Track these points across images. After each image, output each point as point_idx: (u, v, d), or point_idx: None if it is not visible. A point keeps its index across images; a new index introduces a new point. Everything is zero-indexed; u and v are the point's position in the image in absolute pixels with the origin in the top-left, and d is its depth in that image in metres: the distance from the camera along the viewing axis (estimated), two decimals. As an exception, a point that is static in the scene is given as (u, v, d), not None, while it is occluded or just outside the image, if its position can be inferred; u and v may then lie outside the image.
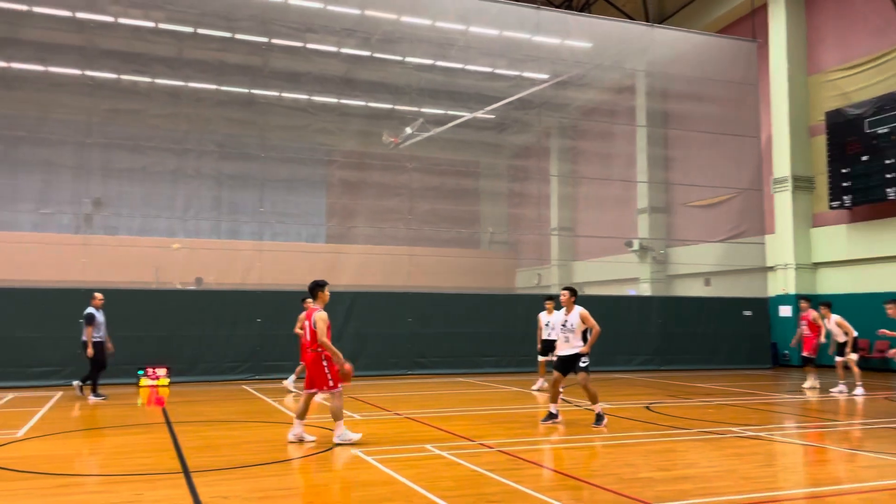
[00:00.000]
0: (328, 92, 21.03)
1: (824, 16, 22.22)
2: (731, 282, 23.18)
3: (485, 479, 6.67)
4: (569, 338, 10.01)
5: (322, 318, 8.66)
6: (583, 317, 9.92)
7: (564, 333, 10.07)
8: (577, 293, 10.31)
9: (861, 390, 13.84)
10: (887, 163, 19.21)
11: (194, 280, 19.15)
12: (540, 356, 14.58)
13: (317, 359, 8.67)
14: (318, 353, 8.65)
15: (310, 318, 8.85)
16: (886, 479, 6.72)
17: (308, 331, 8.83)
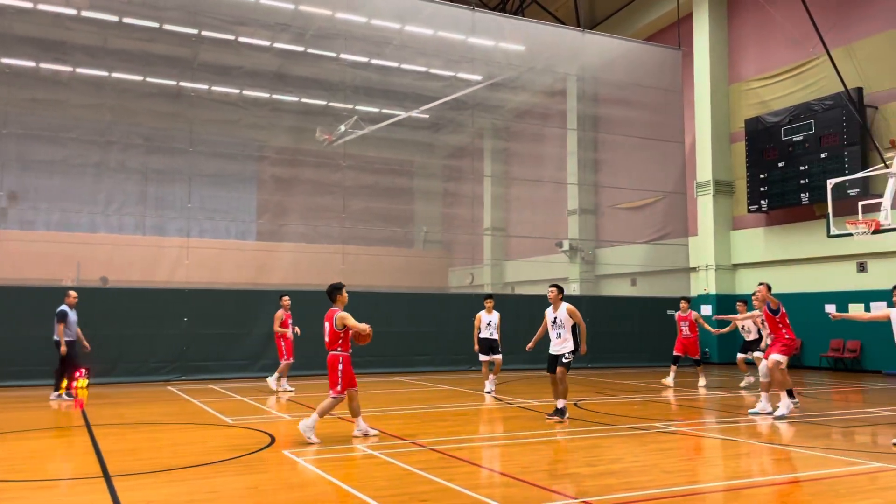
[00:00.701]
0: (260, 87, 20.66)
1: (745, 27, 23.18)
2: (655, 282, 23.95)
3: (417, 477, 6.70)
4: (560, 334, 10.27)
5: (344, 314, 8.88)
6: (570, 312, 10.21)
7: (556, 330, 10.32)
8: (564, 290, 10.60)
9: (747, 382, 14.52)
10: (802, 169, 20.18)
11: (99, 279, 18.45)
12: (482, 356, 14.18)
13: (334, 361, 8.81)
14: (337, 356, 8.81)
15: (330, 319, 8.95)
16: (799, 472, 7.08)
17: (329, 332, 8.91)
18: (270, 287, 18.84)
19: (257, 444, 8.39)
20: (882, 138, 18.36)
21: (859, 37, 19.50)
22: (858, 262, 19.53)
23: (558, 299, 10.36)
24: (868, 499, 5.97)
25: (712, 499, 6.14)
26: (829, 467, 7.20)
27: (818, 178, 19.14)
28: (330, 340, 8.91)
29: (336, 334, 8.85)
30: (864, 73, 19.07)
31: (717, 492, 6.36)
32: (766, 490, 6.34)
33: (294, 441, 8.54)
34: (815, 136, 19.95)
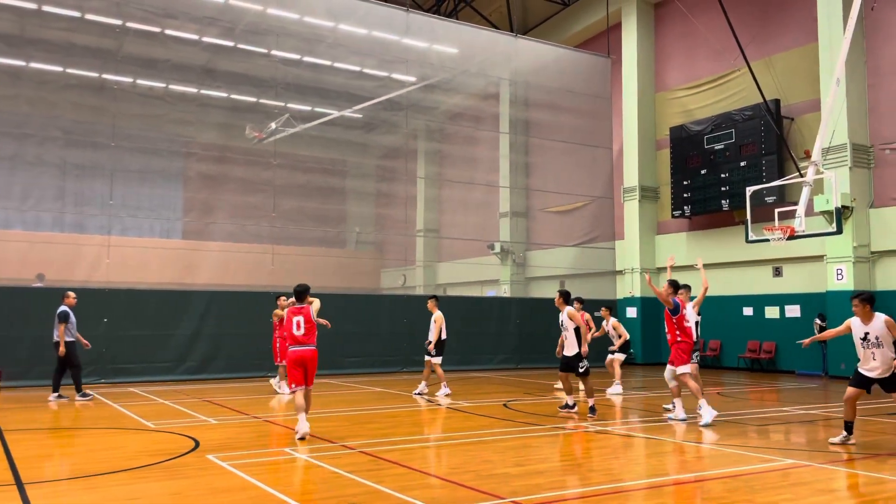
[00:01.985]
0: (187, 81, 20.10)
1: (671, 37, 23.94)
2: (583, 284, 24.42)
3: (345, 480, 6.64)
4: (567, 336, 10.96)
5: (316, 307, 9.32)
6: (570, 315, 10.81)
7: (563, 333, 11.00)
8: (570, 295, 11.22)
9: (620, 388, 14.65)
10: (723, 176, 20.97)
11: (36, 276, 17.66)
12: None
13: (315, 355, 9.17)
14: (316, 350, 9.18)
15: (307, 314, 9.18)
16: (717, 468, 7.35)
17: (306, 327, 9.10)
18: (196, 287, 18.36)
19: (180, 448, 8.15)
20: (797, 148, 19.26)
21: (777, 50, 20.41)
22: (774, 267, 20.42)
23: (562, 304, 10.98)
24: (780, 494, 6.25)
25: (636, 496, 6.30)
26: (746, 464, 7.50)
27: (738, 185, 19.93)
28: (307, 334, 9.10)
29: (314, 327, 9.14)
30: (782, 85, 19.97)
31: (640, 489, 6.54)
32: (687, 487, 6.55)
33: (218, 445, 8.33)
34: (735, 145, 20.76)
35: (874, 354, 8.31)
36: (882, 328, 8.23)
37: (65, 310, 12.92)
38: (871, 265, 18.15)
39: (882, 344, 8.23)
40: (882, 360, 8.26)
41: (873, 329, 8.29)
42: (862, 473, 7.15)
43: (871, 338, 8.29)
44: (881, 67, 18.22)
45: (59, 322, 12.81)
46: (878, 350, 8.27)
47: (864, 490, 6.60)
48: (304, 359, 9.04)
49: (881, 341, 8.24)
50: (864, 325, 8.38)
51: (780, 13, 20.56)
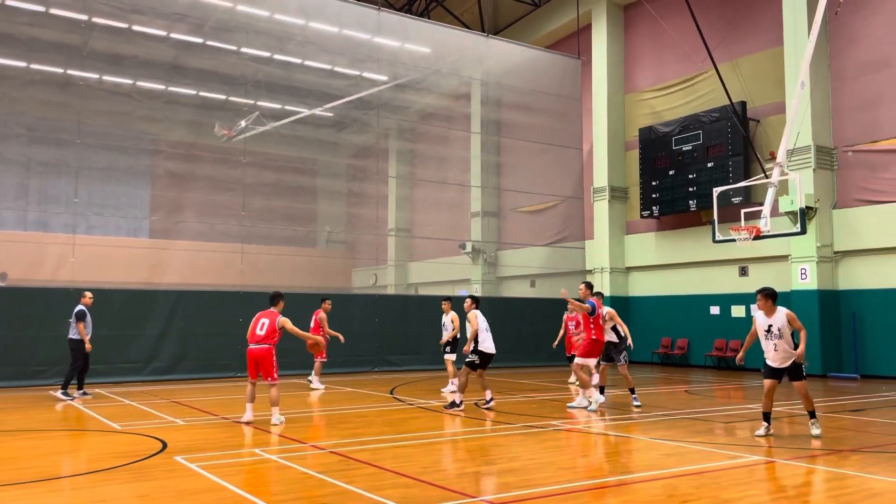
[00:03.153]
0: (155, 78, 19.81)
1: (640, 39, 24.21)
2: (554, 283, 24.60)
3: (316, 481, 6.61)
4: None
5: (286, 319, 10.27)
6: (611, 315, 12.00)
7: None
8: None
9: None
10: (690, 177, 21.26)
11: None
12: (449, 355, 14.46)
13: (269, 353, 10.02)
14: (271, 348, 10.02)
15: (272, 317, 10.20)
16: (684, 465, 7.45)
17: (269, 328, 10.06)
18: (164, 287, 18.12)
19: (147, 450, 8.04)
20: (763, 150, 19.60)
21: (744, 53, 20.75)
22: (741, 266, 20.76)
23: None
24: (747, 490, 6.36)
25: (606, 493, 6.37)
26: (713, 461, 7.62)
27: (705, 186, 20.22)
28: (267, 335, 9.98)
29: (275, 331, 10.04)
30: (748, 87, 20.30)
31: (609, 486, 6.60)
32: (656, 484, 6.63)
33: (186, 446, 8.23)
34: (702, 147, 21.06)
35: (776, 346, 9.06)
36: (783, 321, 8.99)
37: (82, 308, 13.29)
38: (834, 265, 18.55)
39: (782, 335, 8.98)
40: (782, 351, 9.00)
41: (776, 322, 9.04)
42: (825, 469, 7.31)
43: (774, 330, 9.04)
44: (844, 71, 18.62)
45: (78, 321, 13.16)
46: (779, 341, 9.03)
47: (828, 486, 6.74)
48: (258, 357, 9.96)
49: (782, 333, 8.98)
50: (768, 318, 9.13)
51: (746, 17, 20.90)
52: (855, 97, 18.39)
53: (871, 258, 17.92)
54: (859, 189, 18.17)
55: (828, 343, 18.07)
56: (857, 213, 18.10)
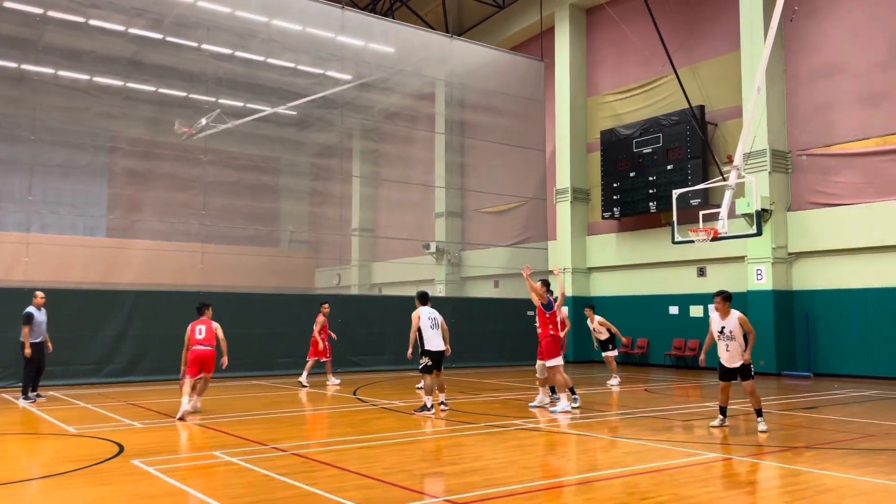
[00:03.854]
0: (113, 73, 19.41)
1: (602, 43, 24.50)
2: (517, 284, 24.75)
3: (277, 483, 6.56)
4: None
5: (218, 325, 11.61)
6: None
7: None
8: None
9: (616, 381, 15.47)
10: (650, 179, 21.59)
11: None
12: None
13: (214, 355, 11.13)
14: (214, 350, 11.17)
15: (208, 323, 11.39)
16: (644, 463, 7.57)
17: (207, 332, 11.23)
18: (122, 287, 17.76)
19: (103, 453, 7.88)
20: (720, 153, 20.00)
21: (702, 58, 21.15)
22: (699, 267, 21.15)
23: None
24: (704, 486, 6.49)
25: (567, 492, 6.44)
26: (671, 458, 7.76)
27: (665, 188, 20.56)
28: (207, 338, 11.19)
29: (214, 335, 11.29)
30: (706, 92, 20.69)
31: (571, 485, 6.68)
32: (616, 482, 6.73)
33: (144, 449, 8.09)
34: (662, 149, 21.41)
35: (728, 346, 9.51)
36: (735, 324, 9.43)
37: (29, 311, 12.76)
38: (788, 266, 19.01)
39: (734, 337, 9.42)
40: (734, 351, 9.47)
41: (728, 324, 9.48)
42: (780, 465, 7.49)
43: (727, 331, 9.48)
44: (799, 76, 19.10)
45: (24, 324, 12.65)
46: (731, 342, 9.47)
47: (782, 481, 6.92)
48: (204, 357, 11.07)
49: (734, 335, 9.44)
50: (722, 320, 9.57)
51: (705, 22, 21.31)
52: (809, 102, 18.88)
53: (823, 259, 18.41)
54: (813, 192, 18.65)
55: (782, 342, 18.52)
56: (810, 215, 18.58)
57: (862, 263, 17.59)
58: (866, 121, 17.67)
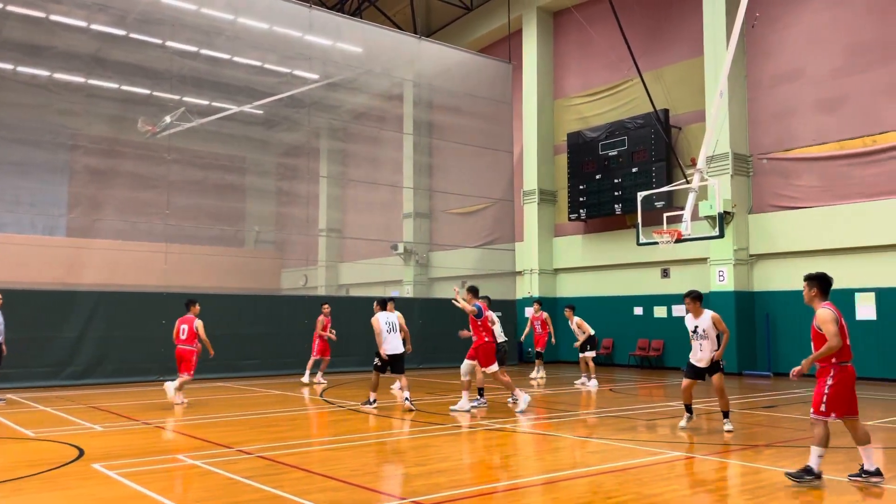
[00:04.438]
0: (74, 70, 19.01)
1: (569, 46, 24.72)
2: (484, 285, 24.79)
3: (242, 486, 6.49)
4: None
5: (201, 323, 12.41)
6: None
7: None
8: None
9: (595, 382, 15.60)
10: (616, 182, 21.83)
11: None
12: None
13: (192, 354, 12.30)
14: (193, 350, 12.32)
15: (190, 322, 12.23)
16: (608, 463, 7.66)
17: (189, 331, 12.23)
18: (82, 287, 17.41)
19: (63, 458, 7.73)
20: (684, 156, 20.31)
21: (667, 62, 21.46)
22: (663, 269, 21.45)
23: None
24: (668, 485, 6.59)
25: (533, 492, 6.48)
26: (635, 457, 7.86)
27: (630, 190, 20.81)
28: (189, 338, 12.24)
29: (195, 334, 12.24)
30: (671, 96, 20.99)
31: (537, 485, 6.73)
32: (581, 481, 6.79)
33: (105, 453, 7.95)
34: (628, 152, 21.67)
35: (701, 345, 9.51)
36: (708, 322, 9.44)
37: None
38: (750, 267, 19.38)
39: (707, 336, 9.45)
40: (707, 351, 9.46)
41: (701, 323, 9.47)
42: (741, 464, 7.64)
43: (700, 331, 9.48)
44: (760, 82, 19.49)
45: None
46: (704, 341, 9.48)
47: (743, 479, 7.05)
48: (181, 356, 12.14)
49: (707, 334, 9.43)
50: (695, 319, 9.54)
51: (669, 27, 21.62)
52: (770, 107, 19.27)
53: (783, 261, 18.80)
54: (773, 195, 19.04)
55: (743, 342, 18.87)
56: (771, 218, 18.96)
57: (820, 265, 17.89)
58: (825, 126, 18.10)
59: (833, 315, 6.58)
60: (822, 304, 6.76)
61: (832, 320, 6.53)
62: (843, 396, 6.53)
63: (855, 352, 6.76)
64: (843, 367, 6.56)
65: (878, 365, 16.60)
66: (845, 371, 6.56)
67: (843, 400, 6.53)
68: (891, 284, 16.72)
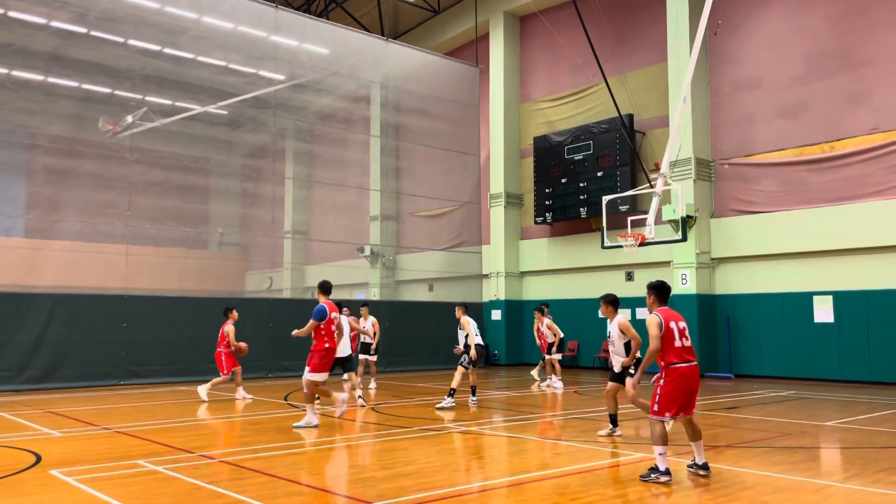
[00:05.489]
0: (33, 68, 18.58)
1: (536, 51, 24.91)
2: (451, 287, 24.89)
3: (205, 492, 6.40)
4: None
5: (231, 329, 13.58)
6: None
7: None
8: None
9: (560, 384, 15.73)
10: (581, 185, 22.04)
11: None
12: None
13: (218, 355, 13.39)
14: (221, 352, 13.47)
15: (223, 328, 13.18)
16: (574, 464, 7.72)
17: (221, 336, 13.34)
18: (40, 290, 17.00)
19: (19, 464, 7.53)
20: (648, 161, 20.59)
21: (631, 68, 21.74)
22: (627, 272, 21.70)
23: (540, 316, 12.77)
24: (632, 486, 6.66)
25: (499, 494, 6.50)
26: (600, 459, 7.93)
27: (595, 194, 21.03)
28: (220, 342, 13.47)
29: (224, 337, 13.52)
30: (635, 101, 21.26)
31: (503, 487, 6.75)
32: (547, 483, 6.83)
33: (63, 459, 7.77)
34: (593, 156, 21.89)
35: (612, 351, 9.38)
36: (616, 329, 9.24)
37: None
38: (711, 271, 19.71)
39: (614, 343, 9.26)
40: (616, 356, 9.29)
41: (612, 328, 9.33)
42: (701, 463, 7.74)
43: (612, 337, 9.32)
44: (722, 88, 19.85)
45: None
46: (612, 348, 9.35)
47: (706, 479, 7.15)
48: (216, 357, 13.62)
49: (613, 340, 9.28)
50: (610, 324, 9.43)
51: (634, 33, 21.91)
52: (731, 113, 19.64)
53: (744, 265, 19.17)
54: (734, 200, 19.40)
55: (705, 345, 19.17)
56: (732, 222, 19.32)
57: (779, 269, 18.40)
58: (785, 132, 18.51)
59: (657, 320, 6.87)
60: (657, 309, 7.03)
61: (655, 324, 6.83)
62: (675, 397, 6.81)
63: (813, 354, 6.97)
64: (673, 369, 6.82)
65: (835, 367, 17.00)
66: (676, 372, 6.81)
67: (676, 400, 6.80)
68: (848, 288, 17.15)
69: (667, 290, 7.15)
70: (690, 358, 6.86)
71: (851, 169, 17.28)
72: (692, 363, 6.85)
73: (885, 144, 16.73)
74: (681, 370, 6.80)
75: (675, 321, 6.91)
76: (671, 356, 6.81)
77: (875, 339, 16.58)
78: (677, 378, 6.80)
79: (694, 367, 6.86)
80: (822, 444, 9.08)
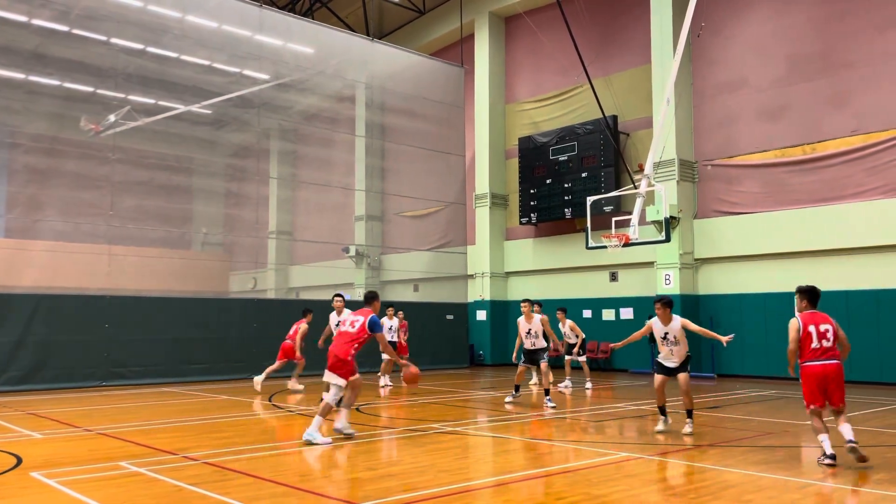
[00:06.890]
0: (13, 66, 18.39)
1: (521, 52, 24.97)
2: (436, 288, 24.90)
3: (188, 493, 6.36)
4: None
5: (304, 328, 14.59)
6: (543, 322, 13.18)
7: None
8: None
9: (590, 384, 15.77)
10: (566, 186, 22.14)
11: None
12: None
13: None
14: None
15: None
16: (558, 464, 7.75)
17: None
18: (21, 290, 16.82)
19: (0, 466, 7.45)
20: (632, 162, 20.71)
21: (616, 69, 21.85)
22: (611, 272, 21.81)
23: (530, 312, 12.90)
24: (616, 485, 6.70)
25: (484, 494, 6.51)
26: (584, 458, 7.97)
27: (579, 195, 21.12)
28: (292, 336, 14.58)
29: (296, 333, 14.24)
30: (619, 102, 21.39)
31: (488, 487, 6.76)
32: (531, 483, 6.86)
33: (44, 461, 7.69)
34: (577, 157, 21.99)
35: (673, 351, 9.68)
36: (679, 329, 9.58)
37: None
38: (695, 271, 19.86)
39: (679, 342, 9.62)
40: (678, 355, 9.72)
41: (672, 330, 9.58)
42: (687, 463, 7.81)
43: (671, 337, 9.60)
44: (705, 90, 20.01)
45: None
46: (675, 347, 9.65)
47: (690, 479, 7.22)
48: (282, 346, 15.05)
49: (678, 339, 9.60)
50: (664, 326, 9.63)
51: (618, 35, 22.03)
52: (714, 115, 19.80)
53: (726, 265, 19.32)
54: (717, 201, 19.56)
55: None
56: (715, 223, 19.47)
57: (761, 269, 18.57)
58: (766, 134, 18.68)
59: (796, 325, 7.68)
60: (800, 314, 7.85)
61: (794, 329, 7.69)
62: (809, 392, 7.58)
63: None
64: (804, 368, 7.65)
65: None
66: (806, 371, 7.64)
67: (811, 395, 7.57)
68: (829, 288, 17.32)
69: (816, 295, 7.80)
70: (823, 357, 7.49)
71: (832, 170, 17.48)
72: (824, 362, 7.48)
73: (865, 146, 16.94)
74: (809, 369, 7.54)
75: (817, 324, 7.58)
76: (805, 356, 7.58)
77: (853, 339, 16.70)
78: (807, 376, 7.56)
79: (826, 365, 7.48)
80: (803, 443, 9.18)
